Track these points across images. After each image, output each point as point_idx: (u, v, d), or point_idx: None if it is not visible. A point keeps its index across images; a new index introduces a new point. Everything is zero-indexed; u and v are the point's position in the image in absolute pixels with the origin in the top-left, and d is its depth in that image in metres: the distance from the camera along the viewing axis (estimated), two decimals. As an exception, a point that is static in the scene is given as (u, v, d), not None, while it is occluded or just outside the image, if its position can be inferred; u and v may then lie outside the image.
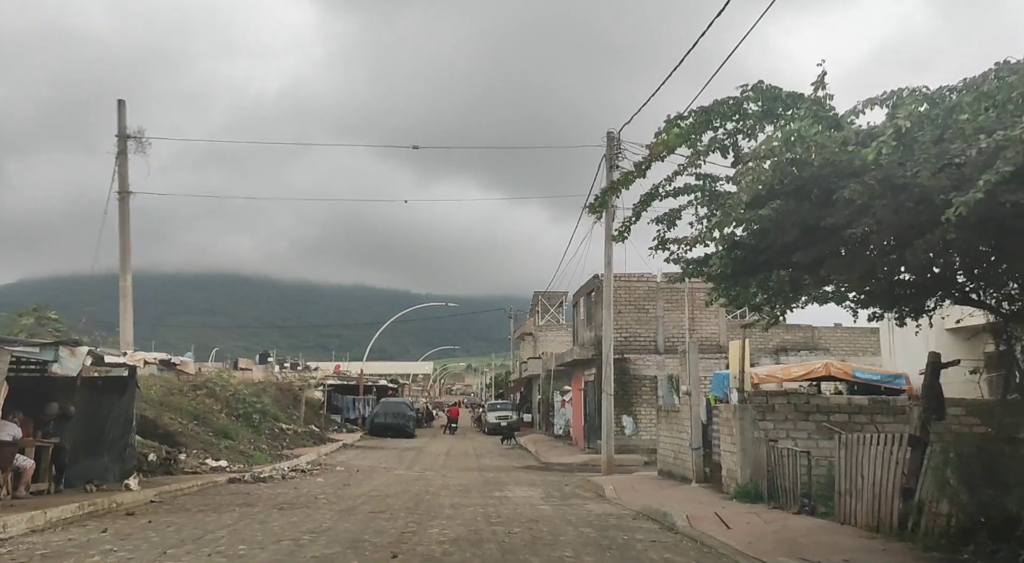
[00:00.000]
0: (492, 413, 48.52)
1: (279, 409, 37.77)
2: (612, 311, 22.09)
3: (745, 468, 14.12)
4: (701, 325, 30.58)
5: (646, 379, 30.34)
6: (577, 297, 34.75)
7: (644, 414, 30.21)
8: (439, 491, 18.32)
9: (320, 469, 24.66)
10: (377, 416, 42.61)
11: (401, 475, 23.30)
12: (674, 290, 30.73)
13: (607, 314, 22.07)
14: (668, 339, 30.54)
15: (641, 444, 29.92)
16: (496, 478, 22.42)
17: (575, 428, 35.66)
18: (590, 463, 28.02)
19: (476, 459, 30.95)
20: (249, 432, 27.46)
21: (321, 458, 29.09)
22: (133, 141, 19.28)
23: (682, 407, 18.12)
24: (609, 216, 21.60)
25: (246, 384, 39.95)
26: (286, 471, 22.80)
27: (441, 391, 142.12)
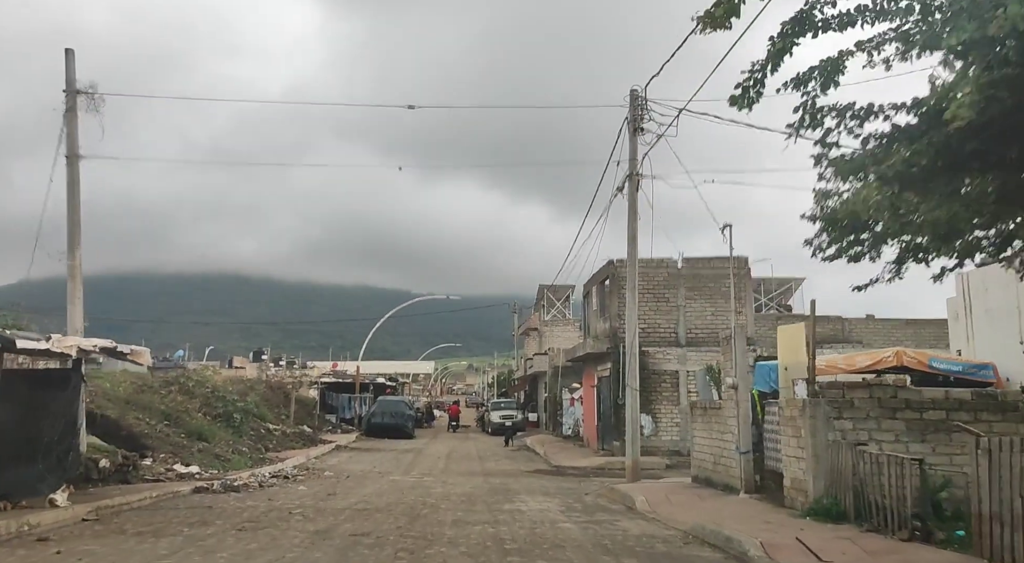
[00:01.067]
0: (496, 412, 45.61)
1: (268, 409, 34.94)
2: (637, 293, 19.23)
3: (818, 478, 11.24)
4: (724, 316, 27.69)
5: (666, 374, 27.46)
6: (589, 286, 31.89)
7: (664, 412, 27.34)
8: (439, 502, 15.46)
9: (306, 475, 21.79)
10: (374, 416, 39.71)
11: (396, 481, 20.44)
12: (697, 277, 27.86)
13: (631, 297, 19.20)
14: (690, 330, 27.66)
15: (661, 445, 27.04)
16: (504, 485, 19.56)
17: (587, 428, 32.77)
18: (607, 467, 25.17)
19: (480, 462, 28.07)
20: (229, 433, 24.58)
21: (310, 461, 26.24)
22: (84, 97, 16.39)
23: (725, 403, 15.24)
24: (633, 185, 18.75)
25: (233, 382, 37.17)
26: (266, 477, 19.94)
27: (442, 391, 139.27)
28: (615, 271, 27.82)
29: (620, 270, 27.87)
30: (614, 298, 27.81)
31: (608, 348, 27.68)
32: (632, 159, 18.67)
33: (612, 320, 27.74)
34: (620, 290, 27.75)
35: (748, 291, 27.86)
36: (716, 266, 27.85)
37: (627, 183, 18.78)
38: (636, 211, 18.75)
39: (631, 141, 18.66)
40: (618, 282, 27.78)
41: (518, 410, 46.52)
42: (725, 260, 28.00)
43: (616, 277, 27.78)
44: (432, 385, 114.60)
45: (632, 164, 18.67)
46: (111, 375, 24.81)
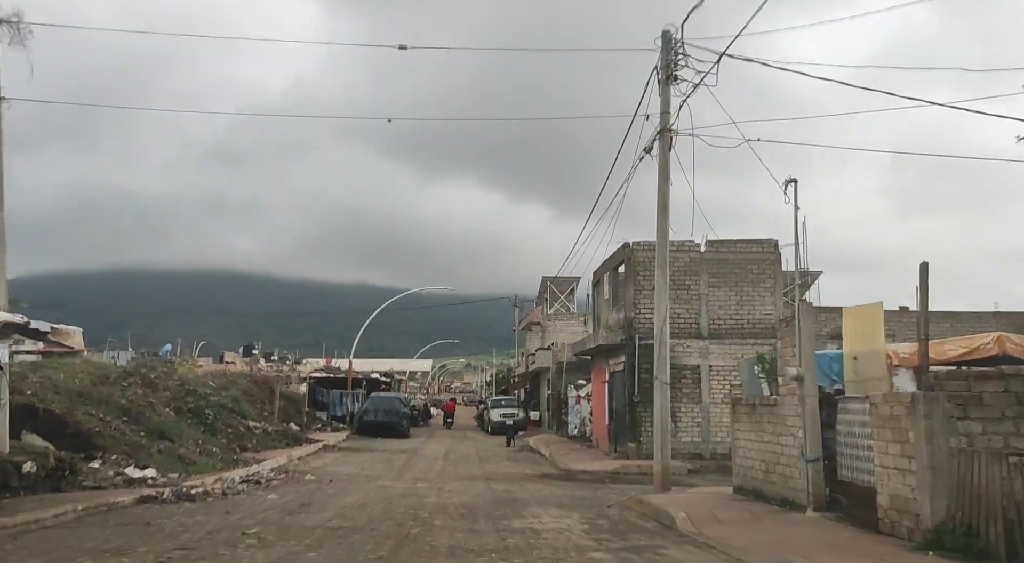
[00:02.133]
0: (496, 410, 42.64)
1: (251, 405, 32.03)
2: (667, 272, 16.33)
3: (937, 498, 8.34)
4: (750, 306, 24.80)
5: (687, 369, 24.55)
6: (599, 274, 28.99)
7: (685, 411, 24.43)
8: (433, 517, 12.57)
9: (283, 479, 18.88)
10: (366, 413, 36.72)
11: (386, 487, 17.54)
12: (721, 262, 24.95)
13: (661, 276, 16.28)
14: (713, 321, 24.75)
15: (681, 447, 24.12)
16: (509, 493, 16.65)
17: (596, 428, 29.85)
18: (622, 471, 22.30)
19: (480, 464, 25.15)
20: (199, 432, 21.66)
21: (292, 463, 23.35)
22: (6, 28, 13.48)
23: (783, 399, 12.32)
24: (665, 144, 15.84)
25: (215, 376, 34.30)
26: (234, 482, 17.03)
27: (440, 389, 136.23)
28: (631, 255, 24.92)
29: (637, 254, 24.99)
30: (629, 285, 24.91)
31: (622, 340, 24.77)
32: (664, 112, 15.77)
33: (627, 309, 24.84)
34: (636, 276, 24.88)
35: (778, 278, 24.97)
36: (742, 250, 24.96)
37: (657, 141, 15.87)
38: (668, 174, 15.84)
39: (662, 91, 15.74)
40: (634, 267, 24.89)
41: (519, 408, 43.58)
42: (753, 244, 25.11)
43: (632, 261, 24.88)
44: (429, 383, 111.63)
45: (664, 118, 15.77)
46: (68, 366, 21.88)
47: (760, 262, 24.91)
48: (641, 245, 24.99)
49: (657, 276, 16.37)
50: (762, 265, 24.90)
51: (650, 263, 24.76)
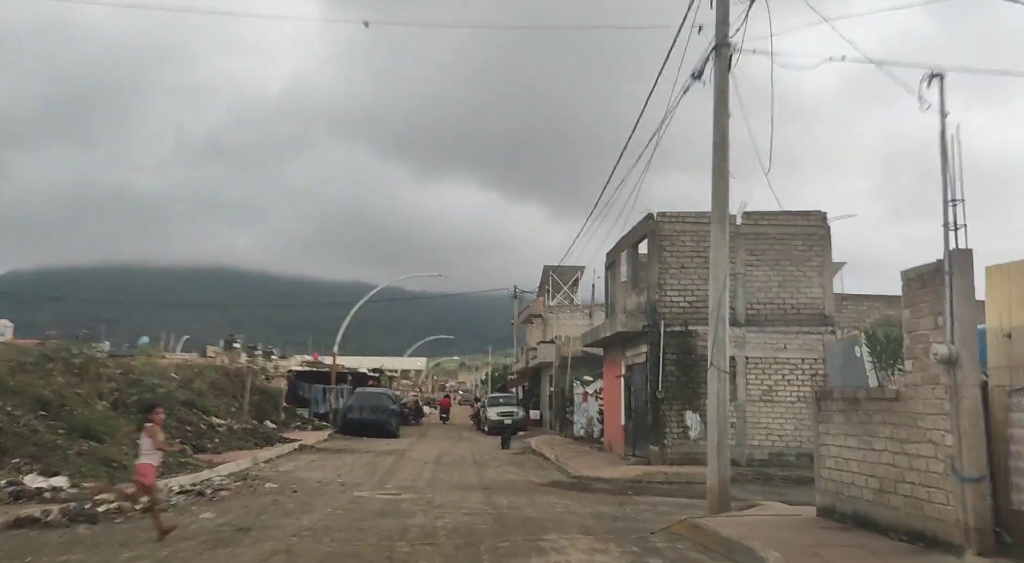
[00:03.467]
0: (493, 408, 38.82)
1: (219, 399, 28.30)
2: (727, 227, 12.71)
3: None
4: (793, 288, 21.11)
5: (719, 361, 20.82)
6: (615, 254, 25.24)
7: (717, 410, 20.69)
8: (416, 545, 8.89)
9: (236, 488, 15.16)
10: (350, 410, 32.88)
11: (361, 501, 13.82)
12: (760, 237, 21.26)
13: (719, 234, 12.69)
14: (751, 305, 21.05)
15: (712, 453, 20.42)
16: (516, 510, 12.94)
17: (609, 429, 26.08)
18: (644, 479, 18.62)
19: (477, 470, 21.42)
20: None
21: (256, 467, 19.66)
22: None
23: (914, 390, 8.61)
24: (723, 63, 12.14)
25: (180, 367, 30.52)
26: (171, 493, 13.35)
27: (434, 387, 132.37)
28: (656, 228, 21.21)
29: (663, 226, 21.29)
30: (653, 263, 21.19)
31: (645, 326, 21.05)
32: (722, 22, 12.08)
33: (651, 291, 21.12)
34: (662, 252, 21.18)
35: (827, 257, 21.29)
36: (785, 223, 21.27)
37: (712, 59, 12.18)
38: (727, 100, 12.16)
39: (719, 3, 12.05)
40: (659, 242, 21.19)
41: (519, 406, 39.80)
42: (798, 216, 21.42)
43: (657, 235, 21.17)
44: (423, 381, 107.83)
45: (721, 30, 12.07)
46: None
47: (806, 237, 21.23)
48: (668, 216, 21.31)
49: (714, 234, 12.81)
50: (808, 241, 21.22)
51: (679, 237, 21.10)
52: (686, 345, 20.83)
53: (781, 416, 20.62)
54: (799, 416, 20.58)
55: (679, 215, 21.28)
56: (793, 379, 20.70)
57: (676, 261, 21.12)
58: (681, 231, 21.19)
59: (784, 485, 18.30)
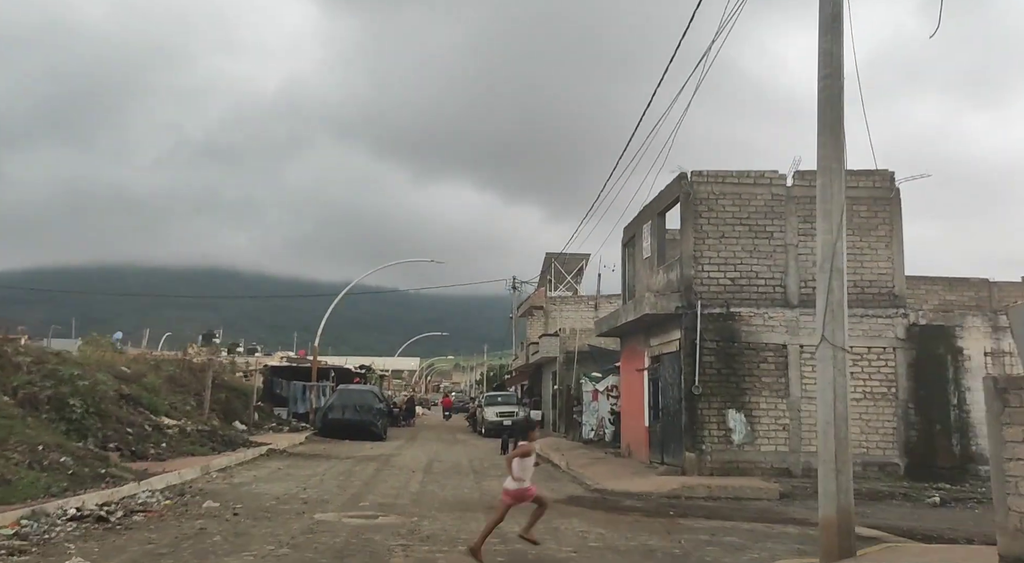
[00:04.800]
0: (491, 408, 34.95)
1: (176, 396, 24.50)
2: (843, 168, 8.96)
3: None
4: (857, 261, 17.39)
5: (767, 350, 17.13)
6: (636, 226, 21.44)
7: (765, 409, 17.00)
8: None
9: (164, 509, 11.40)
10: (331, 409, 29.01)
11: (321, 528, 10.07)
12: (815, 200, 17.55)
13: (825, 186, 8.90)
14: (806, 283, 17.33)
15: (760, 460, 16.77)
16: (536, 548, 9.16)
17: (629, 431, 22.25)
18: (683, 494, 14.96)
19: (475, 480, 17.64)
20: (54, 431, 14.05)
21: (206, 477, 15.95)
22: None
23: None
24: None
25: (134, 361, 26.74)
26: (61, 517, 9.63)
27: (428, 388, 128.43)
28: (690, 190, 17.48)
29: (699, 188, 17.57)
30: (688, 232, 17.45)
31: (678, 308, 17.31)
32: None
33: (683, 266, 17.39)
34: (698, 219, 17.46)
35: (896, 224, 17.60)
36: (847, 183, 17.53)
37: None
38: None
39: None
40: (694, 207, 17.47)
41: (519, 406, 35.96)
42: (861, 176, 17.73)
43: (692, 199, 17.44)
44: (416, 381, 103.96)
45: None
46: None
47: (871, 201, 17.56)
48: (705, 176, 17.60)
49: (821, 187, 9.03)
50: (874, 206, 17.55)
51: (717, 200, 17.37)
52: (728, 330, 17.12)
53: (843, 416, 16.89)
54: (865, 417, 16.91)
55: (718, 174, 17.57)
56: (858, 371, 16.99)
57: (715, 230, 17.42)
58: (720, 194, 17.48)
59: (857, 502, 14.57)
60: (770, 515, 13.10)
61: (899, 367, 17.01)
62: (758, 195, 17.45)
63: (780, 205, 17.48)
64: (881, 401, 16.97)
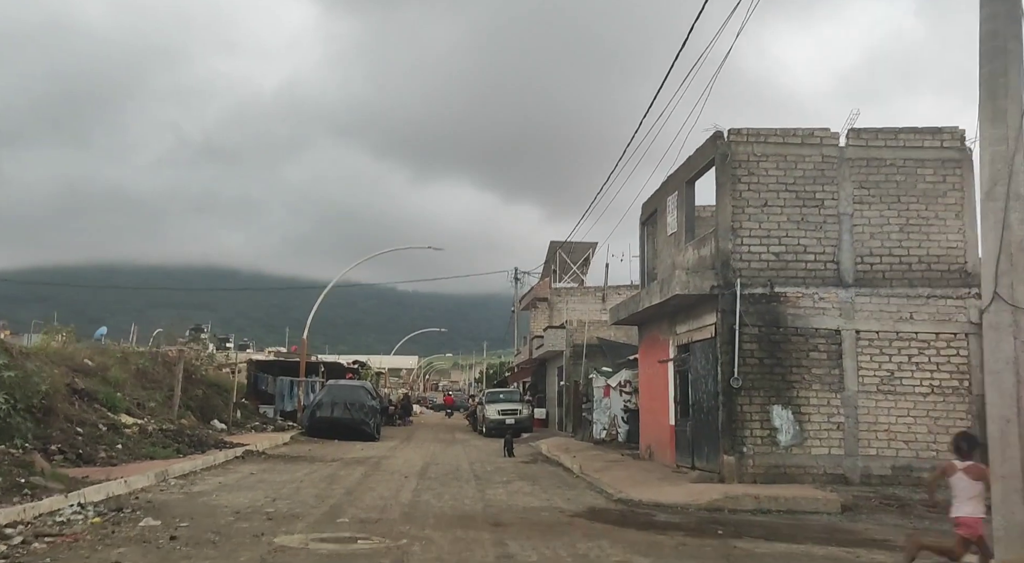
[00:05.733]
0: (493, 406, 32.37)
1: (146, 392, 22.01)
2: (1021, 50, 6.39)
3: None
4: (922, 233, 14.86)
5: (818, 336, 14.59)
6: (659, 199, 18.83)
7: (816, 403, 14.47)
8: None
9: (87, 530, 8.89)
10: (320, 407, 26.42)
11: (277, 557, 7.55)
12: (875, 164, 15.01)
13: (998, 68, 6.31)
14: (863, 258, 14.80)
15: (811, 464, 14.25)
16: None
17: (650, 431, 19.62)
18: (726, 506, 12.48)
19: (478, 487, 15.09)
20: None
21: (160, 485, 13.47)
22: None
23: None
24: None
25: (97, 352, 24.20)
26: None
27: (426, 387, 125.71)
28: (728, 151, 14.93)
29: (738, 148, 15.03)
30: (725, 199, 14.89)
31: (714, 287, 14.77)
32: None
33: (721, 239, 14.84)
34: (737, 184, 14.92)
35: (967, 190, 15.04)
36: (909, 144, 15.04)
37: None
38: None
39: None
40: (733, 171, 14.92)
41: (523, 403, 33.40)
42: (926, 135, 15.18)
43: (731, 161, 14.88)
44: (414, 380, 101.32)
45: None
46: None
47: (939, 164, 15.01)
48: (744, 135, 15.06)
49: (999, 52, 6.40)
50: (942, 169, 15.00)
51: (759, 163, 14.83)
52: (772, 313, 14.59)
53: (908, 413, 14.38)
54: (934, 413, 14.38)
55: (759, 133, 15.03)
56: (924, 362, 14.48)
57: (756, 197, 14.88)
58: (763, 155, 14.93)
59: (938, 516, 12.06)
60: (840, 535, 10.60)
61: (972, 357, 14.46)
62: (806, 157, 14.91)
63: (832, 168, 14.94)
64: (952, 396, 14.42)
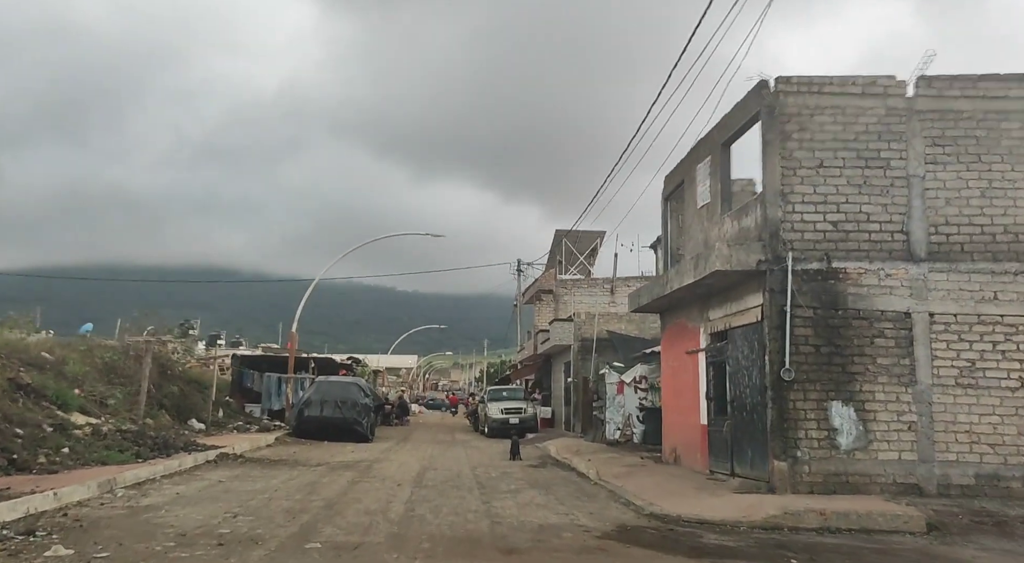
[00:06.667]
0: (496, 404, 29.98)
1: (114, 388, 19.69)
2: None
3: None
4: (1007, 199, 12.53)
5: (885, 319, 12.25)
6: (687, 168, 16.44)
7: (883, 399, 12.12)
8: None
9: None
10: (308, 405, 24.06)
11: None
12: (950, 116, 12.67)
13: None
14: (938, 228, 12.47)
15: (878, 470, 11.91)
16: None
17: (676, 431, 17.21)
18: (785, 523, 10.16)
19: (482, 498, 12.74)
20: None
21: (105, 496, 11.17)
22: None
23: None
24: None
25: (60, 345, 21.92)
26: None
27: (426, 386, 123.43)
28: (776, 104, 12.58)
29: (788, 100, 12.71)
30: (773, 159, 12.54)
31: (760, 262, 12.44)
32: None
33: (768, 206, 12.49)
34: (787, 141, 12.60)
35: (1061, 147, 12.71)
36: (989, 93, 12.71)
37: None
38: None
39: None
40: (781, 127, 12.58)
41: (527, 402, 31.05)
42: (1011, 81, 12.85)
43: (780, 115, 12.54)
44: (413, 379, 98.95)
45: None
46: None
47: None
48: (794, 84, 12.71)
49: None
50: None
51: (813, 117, 12.51)
52: (829, 293, 12.26)
53: (993, 411, 12.03)
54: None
55: (812, 82, 12.69)
56: (1011, 350, 12.14)
57: (810, 157, 12.54)
58: (817, 108, 12.59)
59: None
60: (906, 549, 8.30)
61: (1075, 344, 12.14)
62: (868, 109, 12.57)
63: (899, 123, 12.60)
64: (1052, 392, 12.09)
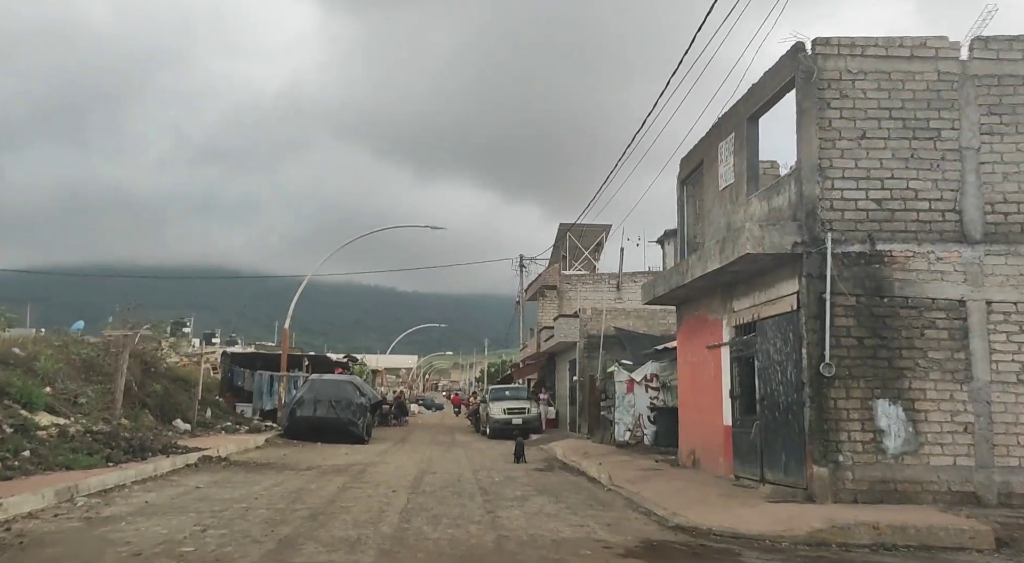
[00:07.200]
0: (498, 404, 28.62)
1: (90, 386, 18.38)
2: None
3: None
4: (1062, 177, 11.25)
5: (937, 308, 10.93)
6: (707, 146, 15.07)
7: (935, 398, 10.80)
8: None
9: None
10: (301, 404, 22.74)
11: None
12: (1009, 81, 11.36)
13: None
14: (995, 206, 11.16)
15: (930, 477, 10.60)
16: None
17: (694, 433, 15.83)
18: (833, 539, 8.86)
19: (485, 506, 11.40)
20: None
21: (62, 505, 9.84)
22: None
23: None
24: None
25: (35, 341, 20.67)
26: None
27: (425, 387, 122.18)
28: (813, 66, 11.25)
29: (827, 63, 11.39)
30: (810, 130, 11.20)
31: (796, 244, 11.11)
32: None
33: (805, 182, 11.16)
34: (826, 109, 11.28)
35: None
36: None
37: None
38: None
39: None
40: (820, 93, 11.26)
41: (531, 401, 29.70)
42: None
43: (818, 81, 11.21)
44: (413, 379, 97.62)
45: None
46: None
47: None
48: (834, 45, 11.39)
49: None
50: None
51: (855, 83, 11.24)
52: (873, 278, 10.93)
53: (1059, 411, 10.72)
54: (1095, 411, 10.70)
55: (854, 44, 11.36)
56: (1078, 342, 10.83)
57: (851, 127, 11.21)
58: (859, 73, 11.27)
59: None
60: None
61: None
62: (917, 74, 11.25)
63: (951, 89, 11.28)
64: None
